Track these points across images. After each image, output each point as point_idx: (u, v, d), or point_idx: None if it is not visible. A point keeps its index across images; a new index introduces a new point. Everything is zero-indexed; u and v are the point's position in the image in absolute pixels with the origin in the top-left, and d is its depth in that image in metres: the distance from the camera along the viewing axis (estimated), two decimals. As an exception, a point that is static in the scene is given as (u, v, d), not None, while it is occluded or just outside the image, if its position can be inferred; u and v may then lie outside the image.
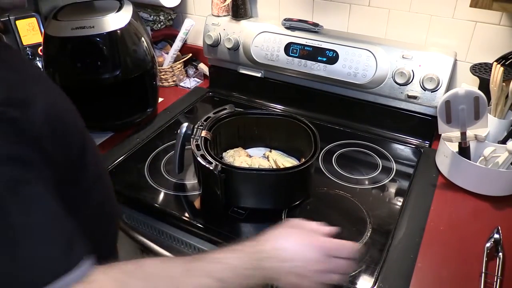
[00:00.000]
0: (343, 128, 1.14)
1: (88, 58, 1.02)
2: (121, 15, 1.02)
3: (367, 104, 1.12)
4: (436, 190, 0.91)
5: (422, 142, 1.07)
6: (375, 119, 1.12)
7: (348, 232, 0.80)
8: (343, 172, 0.97)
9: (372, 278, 0.71)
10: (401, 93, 1.04)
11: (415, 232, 0.80)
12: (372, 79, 1.06)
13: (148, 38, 1.12)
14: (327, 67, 1.10)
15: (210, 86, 1.37)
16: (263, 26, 1.18)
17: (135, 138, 1.11)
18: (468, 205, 0.87)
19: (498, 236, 0.76)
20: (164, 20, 1.39)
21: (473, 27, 1.00)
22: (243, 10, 1.22)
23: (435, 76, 0.98)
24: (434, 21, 1.04)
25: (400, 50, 1.03)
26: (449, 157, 0.91)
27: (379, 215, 0.84)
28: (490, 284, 0.69)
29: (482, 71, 0.95)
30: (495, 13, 0.95)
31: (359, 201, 0.88)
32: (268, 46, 1.17)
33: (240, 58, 1.22)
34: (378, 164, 1.00)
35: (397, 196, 0.90)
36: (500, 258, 0.73)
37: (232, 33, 1.21)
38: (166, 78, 1.37)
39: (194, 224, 0.84)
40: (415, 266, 0.73)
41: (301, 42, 1.12)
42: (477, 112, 0.84)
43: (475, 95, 0.83)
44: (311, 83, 1.17)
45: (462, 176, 0.90)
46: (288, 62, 1.15)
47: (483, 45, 1.01)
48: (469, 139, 0.89)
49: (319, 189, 0.92)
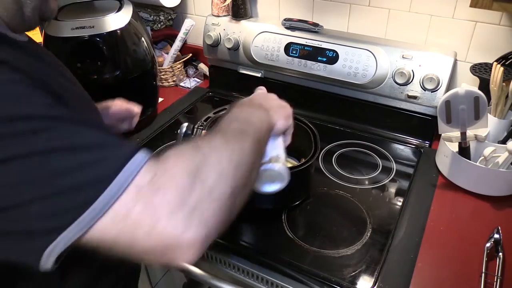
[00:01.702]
0: (343, 128, 1.14)
1: (88, 58, 1.02)
2: (121, 15, 1.02)
3: (367, 104, 1.12)
4: (436, 190, 0.91)
5: (422, 142, 1.07)
6: (375, 119, 1.12)
7: (348, 232, 0.81)
8: (343, 172, 0.97)
9: (372, 278, 0.71)
10: (401, 93, 1.04)
11: (415, 232, 0.80)
12: (372, 79, 1.06)
13: (148, 38, 1.11)
14: (327, 67, 1.10)
15: (210, 86, 1.37)
16: (263, 26, 1.18)
17: (135, 138, 1.11)
18: (468, 205, 0.87)
19: (498, 236, 0.76)
20: (164, 20, 1.39)
21: (473, 27, 1.00)
22: (243, 10, 1.22)
23: (435, 76, 0.98)
24: (434, 21, 1.04)
25: (400, 50, 1.03)
26: (449, 157, 0.91)
27: (379, 215, 0.84)
28: (490, 284, 0.69)
29: (482, 71, 0.95)
30: (495, 13, 0.95)
31: (359, 201, 0.88)
32: (268, 46, 1.17)
33: (240, 58, 1.22)
34: (378, 164, 1.00)
35: (397, 196, 0.90)
36: (500, 258, 0.73)
37: (232, 33, 1.21)
38: (166, 78, 1.37)
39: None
40: (415, 266, 0.73)
41: (301, 42, 1.12)
42: (477, 112, 0.84)
43: (475, 95, 0.83)
44: (311, 83, 1.17)
45: (462, 176, 0.90)
46: (288, 62, 1.15)
47: (483, 45, 1.01)
48: (469, 139, 0.89)
49: (319, 189, 0.92)
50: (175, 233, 0.39)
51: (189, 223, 0.40)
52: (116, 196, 0.39)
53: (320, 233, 0.80)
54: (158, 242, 0.40)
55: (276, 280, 0.77)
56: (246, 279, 0.81)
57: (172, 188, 0.40)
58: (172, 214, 0.39)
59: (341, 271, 0.72)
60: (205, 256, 0.85)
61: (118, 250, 0.40)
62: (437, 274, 0.72)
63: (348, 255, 0.75)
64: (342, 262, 0.74)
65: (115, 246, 0.40)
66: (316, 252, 0.76)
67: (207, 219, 0.42)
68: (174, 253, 0.40)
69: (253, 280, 0.81)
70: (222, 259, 0.83)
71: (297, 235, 0.80)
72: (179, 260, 0.41)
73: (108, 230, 0.39)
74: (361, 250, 0.76)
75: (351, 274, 0.72)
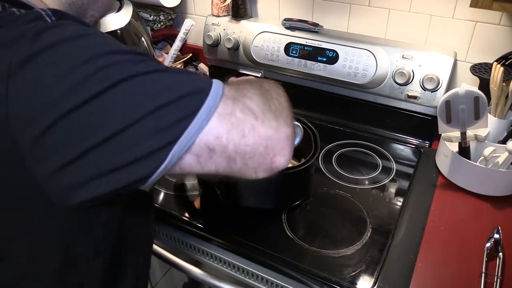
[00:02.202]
0: (343, 128, 1.14)
1: (88, 58, 1.02)
2: (121, 15, 1.02)
3: (367, 104, 1.12)
4: (436, 190, 0.91)
5: (422, 142, 1.07)
6: (375, 119, 1.12)
7: (348, 232, 0.81)
8: (343, 172, 0.97)
9: (372, 278, 0.71)
10: (401, 93, 1.04)
11: (415, 232, 0.80)
12: (372, 79, 1.06)
13: (148, 38, 1.12)
14: (327, 67, 1.10)
15: (210, 86, 1.36)
16: (263, 26, 1.18)
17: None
18: (468, 205, 0.87)
19: (498, 236, 0.76)
20: (164, 20, 1.39)
21: (473, 27, 1.00)
22: (243, 10, 1.22)
23: (435, 76, 0.99)
24: (434, 21, 1.04)
25: (400, 50, 1.03)
26: (449, 157, 0.91)
27: (379, 215, 0.84)
28: (490, 284, 0.69)
29: (482, 71, 0.95)
30: (495, 13, 0.95)
31: (359, 201, 0.88)
32: (268, 46, 1.17)
33: (240, 58, 1.22)
34: (378, 164, 1.00)
35: (397, 196, 0.90)
36: (500, 258, 0.73)
37: (232, 33, 1.21)
38: (166, 78, 1.37)
39: (194, 224, 0.84)
40: (415, 266, 0.73)
41: (301, 42, 1.12)
42: (477, 112, 0.84)
43: (475, 95, 0.83)
44: (311, 83, 1.17)
45: (462, 176, 0.90)
46: (288, 62, 1.15)
47: (483, 45, 1.01)
48: (469, 139, 0.89)
49: (319, 189, 0.92)
50: (271, 129, 0.46)
51: (278, 122, 0.47)
52: (217, 102, 0.43)
53: (320, 233, 0.80)
54: (262, 139, 0.45)
55: (276, 280, 0.77)
56: (246, 279, 0.81)
57: (255, 96, 0.47)
58: (264, 115, 0.46)
59: (341, 271, 0.72)
60: (205, 256, 0.85)
61: (231, 151, 0.44)
62: (437, 274, 0.72)
63: (348, 255, 0.75)
64: (342, 262, 0.74)
65: (226, 148, 0.44)
66: (316, 252, 0.76)
67: (287, 120, 0.49)
68: (275, 150, 0.46)
69: (253, 280, 0.81)
70: (222, 259, 0.83)
71: (297, 235, 0.80)
72: (279, 156, 0.47)
73: (218, 129, 0.43)
74: (361, 250, 0.76)
75: (351, 274, 0.72)
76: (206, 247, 0.84)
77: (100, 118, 0.40)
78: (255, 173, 0.47)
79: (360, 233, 0.80)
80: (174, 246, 0.90)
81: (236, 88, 0.47)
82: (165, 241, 0.91)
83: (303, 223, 0.84)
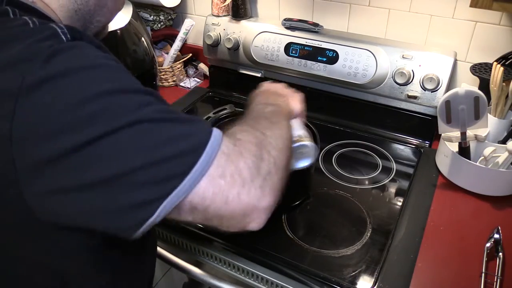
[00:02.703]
0: (343, 128, 1.14)
1: (88, 58, 1.02)
2: (121, 15, 1.02)
3: (367, 104, 1.12)
4: (436, 190, 0.91)
5: (422, 142, 1.07)
6: (375, 119, 1.12)
7: (348, 232, 0.81)
8: (343, 172, 0.97)
9: (372, 278, 0.71)
10: (401, 93, 1.04)
11: (415, 232, 0.80)
12: (372, 79, 1.06)
13: (148, 38, 1.12)
14: (327, 67, 1.10)
15: (210, 86, 1.37)
16: (263, 26, 1.18)
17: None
18: (468, 205, 0.87)
19: (498, 236, 0.76)
20: (164, 20, 1.39)
21: (473, 27, 1.00)
22: (243, 10, 1.22)
23: (435, 76, 0.98)
24: (434, 21, 1.04)
25: (400, 50, 1.03)
26: (449, 157, 0.91)
27: (379, 215, 0.84)
28: (490, 284, 0.69)
29: (482, 71, 0.95)
30: (495, 13, 0.95)
31: (359, 201, 0.88)
32: (268, 46, 1.17)
33: (240, 58, 1.22)
34: (378, 164, 1.00)
35: (397, 196, 0.90)
36: (500, 258, 0.73)
37: (232, 33, 1.21)
38: (166, 78, 1.37)
39: (193, 225, 0.84)
40: (415, 266, 0.73)
41: (301, 42, 1.12)
42: (477, 112, 0.84)
43: (475, 95, 0.83)
44: (311, 83, 1.17)
45: (462, 176, 0.90)
46: (288, 62, 1.15)
47: (483, 45, 1.01)
48: (469, 139, 0.89)
49: (319, 189, 0.92)
50: (255, 198, 0.46)
51: (263, 190, 0.46)
52: (210, 161, 0.43)
53: (320, 233, 0.80)
54: (243, 206, 0.45)
55: (276, 280, 0.77)
56: (246, 279, 0.81)
57: (250, 155, 0.46)
58: (252, 181, 0.45)
59: (341, 271, 0.72)
60: (205, 256, 0.85)
61: (210, 212, 0.45)
62: (437, 274, 0.72)
63: (348, 255, 0.75)
64: (342, 262, 0.74)
65: (207, 209, 0.44)
66: (316, 252, 0.76)
67: (275, 186, 0.49)
68: (251, 217, 0.47)
69: (253, 280, 0.81)
70: (222, 259, 0.83)
71: (297, 235, 0.80)
72: (254, 223, 0.48)
73: (205, 192, 0.43)
74: (361, 250, 0.76)
75: (351, 274, 0.72)
76: (205, 247, 0.84)
77: (101, 159, 0.41)
78: (227, 229, 0.49)
79: (360, 233, 0.80)
80: (174, 247, 0.90)
81: (235, 141, 0.48)
82: (164, 241, 0.91)
83: (303, 223, 0.84)
